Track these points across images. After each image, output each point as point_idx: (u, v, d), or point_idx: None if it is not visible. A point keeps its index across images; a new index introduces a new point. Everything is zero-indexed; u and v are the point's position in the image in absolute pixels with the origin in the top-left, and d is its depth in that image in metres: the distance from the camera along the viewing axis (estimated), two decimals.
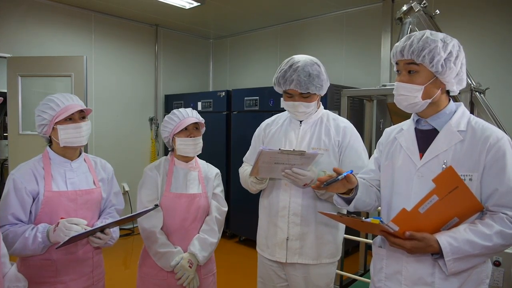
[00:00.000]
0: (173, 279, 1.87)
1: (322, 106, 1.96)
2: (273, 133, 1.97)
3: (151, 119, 5.66)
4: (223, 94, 4.92)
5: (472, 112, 2.46)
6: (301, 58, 1.81)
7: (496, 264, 2.00)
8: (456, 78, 1.35)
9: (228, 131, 4.91)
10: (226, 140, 4.92)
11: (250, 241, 4.78)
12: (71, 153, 1.71)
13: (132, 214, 1.63)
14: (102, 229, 1.56)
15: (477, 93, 2.48)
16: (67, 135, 1.63)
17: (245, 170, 2.01)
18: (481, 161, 1.27)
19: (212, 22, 5.54)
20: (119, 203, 1.87)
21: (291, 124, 1.93)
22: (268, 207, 1.91)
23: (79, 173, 1.71)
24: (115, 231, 1.71)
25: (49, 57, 4.19)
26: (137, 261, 2.03)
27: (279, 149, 1.57)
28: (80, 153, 1.77)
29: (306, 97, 1.80)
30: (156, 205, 1.80)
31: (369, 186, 1.55)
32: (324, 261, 1.83)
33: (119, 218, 1.65)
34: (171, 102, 5.66)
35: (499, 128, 1.91)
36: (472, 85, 2.46)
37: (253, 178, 1.85)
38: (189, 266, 1.85)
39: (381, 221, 1.21)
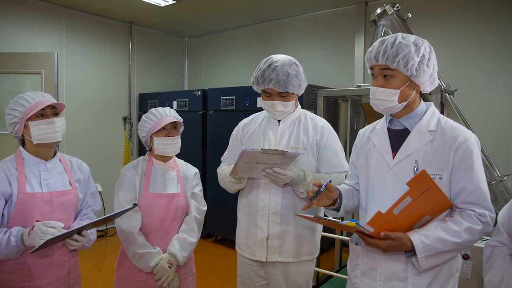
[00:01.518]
0: (152, 280, 1.85)
1: (299, 106, 1.99)
2: (251, 133, 1.98)
3: (124, 118, 5.55)
4: (199, 93, 4.89)
5: (442, 112, 2.56)
6: (279, 57, 1.83)
7: (465, 257, 2.09)
8: (430, 79, 1.40)
9: (204, 130, 4.88)
10: (202, 140, 4.89)
11: (227, 241, 4.79)
12: (45, 152, 1.66)
13: (110, 214, 1.60)
14: (79, 231, 1.53)
15: (446, 94, 2.59)
16: (40, 131, 1.58)
17: (223, 170, 2.01)
18: (450, 160, 1.33)
19: (187, 21, 5.49)
20: (96, 204, 1.83)
21: (269, 123, 1.95)
22: (248, 206, 1.93)
23: (55, 173, 1.66)
24: (92, 233, 1.68)
25: (17, 54, 4.04)
26: (112, 263, 1.99)
27: (262, 149, 1.58)
28: (55, 153, 1.72)
29: (284, 96, 1.82)
30: (135, 205, 1.78)
31: (353, 190, 1.60)
32: (303, 259, 1.86)
33: (96, 219, 1.61)
34: (145, 101, 5.58)
35: (467, 128, 2.00)
36: (442, 87, 2.56)
37: (232, 177, 1.85)
38: (169, 267, 1.84)
39: (357, 223, 1.25)
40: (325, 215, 1.60)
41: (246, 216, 1.94)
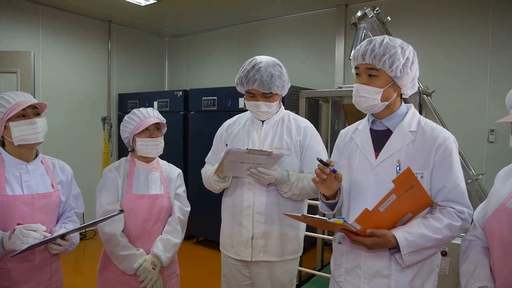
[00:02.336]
0: (135, 282, 1.83)
1: (283, 107, 2.01)
2: (235, 133, 1.99)
3: (103, 119, 5.46)
4: (180, 94, 4.86)
5: (420, 113, 2.63)
6: (263, 58, 1.85)
7: (443, 254, 2.16)
8: (411, 83, 1.45)
9: (185, 131, 4.86)
10: (183, 140, 4.86)
11: (209, 242, 4.77)
12: (26, 153, 1.63)
13: (96, 220, 1.57)
14: (63, 236, 1.50)
15: (424, 95, 2.67)
16: (21, 132, 1.55)
17: (207, 170, 2.01)
18: (431, 159, 1.37)
19: (168, 21, 5.45)
20: (79, 206, 1.80)
21: (253, 124, 1.96)
22: (232, 206, 1.93)
23: (36, 175, 1.62)
24: (75, 236, 1.65)
25: None
26: (92, 266, 1.96)
27: (247, 149, 1.59)
28: (37, 155, 1.68)
29: (268, 97, 1.84)
30: (121, 211, 1.75)
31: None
32: (287, 258, 1.88)
33: (82, 225, 1.58)
34: (125, 101, 5.50)
35: (444, 128, 2.07)
36: (420, 88, 2.64)
37: (216, 176, 1.86)
38: (153, 268, 1.82)
39: (344, 221, 1.27)
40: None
41: (230, 216, 1.94)
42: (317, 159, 1.41)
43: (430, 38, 3.97)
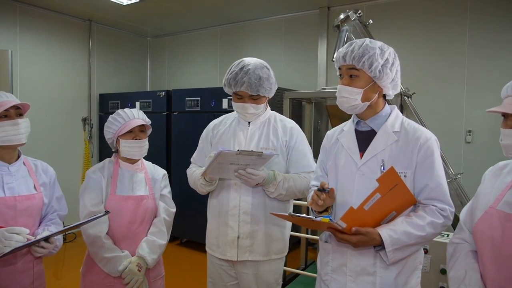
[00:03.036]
0: (120, 284, 1.81)
1: (269, 107, 2.03)
2: (221, 134, 1.99)
3: (84, 119, 5.36)
4: (163, 94, 4.82)
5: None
6: (251, 60, 1.86)
7: (424, 251, 2.22)
8: (392, 83, 1.49)
9: (168, 132, 4.82)
10: (166, 141, 4.83)
11: (192, 243, 4.75)
12: (8, 155, 1.59)
13: (80, 222, 1.55)
14: (46, 239, 1.47)
15: (405, 97, 2.74)
16: (3, 133, 1.51)
17: (193, 171, 2.00)
18: (413, 159, 1.41)
19: (150, 20, 5.40)
20: (62, 208, 1.77)
21: (240, 124, 1.97)
22: (218, 206, 1.93)
23: (18, 177, 1.59)
24: (58, 239, 1.62)
25: None
26: (73, 269, 1.93)
27: (238, 150, 1.60)
28: (19, 156, 1.65)
29: (255, 99, 1.85)
30: (107, 212, 1.73)
31: None
32: (273, 257, 1.90)
33: (66, 227, 1.55)
34: (106, 102, 5.42)
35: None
36: (401, 90, 2.70)
37: (203, 180, 1.85)
38: (138, 270, 1.80)
39: (330, 219, 1.30)
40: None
41: (216, 216, 1.94)
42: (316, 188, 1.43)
43: (410, 41, 4.07)
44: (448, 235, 2.30)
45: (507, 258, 1.13)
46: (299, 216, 1.36)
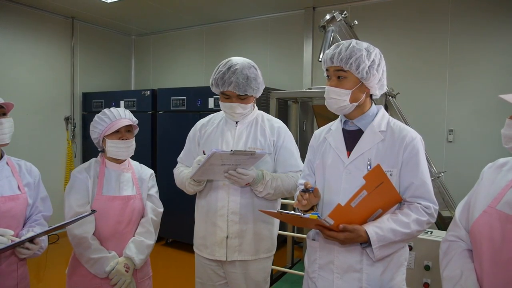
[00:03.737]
0: (107, 285, 1.79)
1: (256, 107, 2.03)
2: (209, 134, 1.99)
3: (67, 119, 5.26)
4: (148, 93, 4.78)
5: None
6: (238, 60, 1.86)
7: (409, 248, 2.27)
8: (379, 84, 1.52)
9: (153, 131, 4.78)
10: (151, 141, 4.78)
11: (178, 243, 4.72)
12: None
13: (66, 221, 1.53)
14: (31, 240, 1.44)
15: (390, 97, 2.78)
16: None
17: (181, 171, 1.99)
18: (399, 158, 1.44)
19: (135, 18, 5.33)
20: (47, 209, 1.74)
21: (227, 124, 1.97)
22: (206, 206, 1.93)
23: (2, 177, 1.56)
24: (43, 240, 1.59)
25: None
26: (55, 272, 1.90)
27: (231, 150, 1.60)
28: (2, 156, 1.61)
29: (243, 98, 1.86)
30: (93, 211, 1.71)
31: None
32: (262, 256, 1.90)
33: (51, 227, 1.52)
34: (89, 101, 5.33)
35: None
36: (386, 90, 2.75)
37: (192, 180, 1.85)
38: (126, 271, 1.79)
39: (318, 216, 1.31)
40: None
41: (204, 216, 1.94)
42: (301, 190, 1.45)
43: (393, 41, 4.14)
44: (431, 232, 2.35)
45: (507, 261, 1.08)
46: (288, 213, 1.37)
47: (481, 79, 3.73)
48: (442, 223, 2.75)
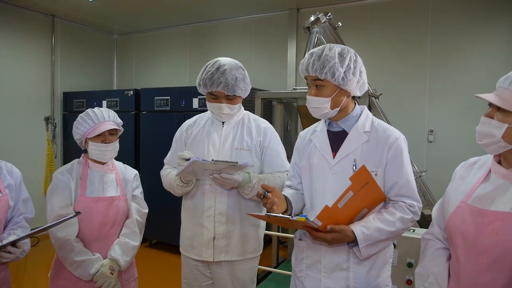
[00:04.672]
0: None
1: (242, 108, 2.03)
2: (195, 134, 1.97)
3: (47, 119, 5.15)
4: (131, 93, 4.72)
5: None
6: (226, 61, 1.86)
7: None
8: (358, 85, 1.52)
9: (137, 132, 4.72)
10: (135, 141, 4.73)
11: (162, 244, 4.68)
12: None
13: (50, 224, 1.49)
14: (13, 243, 1.40)
15: (373, 98, 2.83)
16: None
17: (168, 173, 1.98)
18: (384, 158, 1.47)
19: (117, 17, 5.26)
20: (29, 211, 1.70)
21: (214, 125, 1.96)
22: (193, 207, 1.92)
23: None
24: (26, 243, 1.56)
25: None
26: (36, 276, 1.85)
27: (213, 160, 1.59)
28: None
29: (231, 99, 1.86)
30: (78, 213, 1.68)
31: (298, 193, 1.66)
32: (248, 256, 1.91)
33: (34, 230, 1.49)
34: (70, 100, 5.23)
35: None
36: (369, 91, 2.80)
37: (179, 181, 1.83)
38: (111, 273, 1.76)
39: (306, 218, 1.33)
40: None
41: (191, 217, 1.93)
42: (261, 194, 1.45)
43: (376, 43, 4.21)
44: (414, 230, 2.40)
45: (480, 253, 1.14)
46: (276, 216, 1.38)
47: (460, 80, 3.83)
48: (424, 221, 2.81)
